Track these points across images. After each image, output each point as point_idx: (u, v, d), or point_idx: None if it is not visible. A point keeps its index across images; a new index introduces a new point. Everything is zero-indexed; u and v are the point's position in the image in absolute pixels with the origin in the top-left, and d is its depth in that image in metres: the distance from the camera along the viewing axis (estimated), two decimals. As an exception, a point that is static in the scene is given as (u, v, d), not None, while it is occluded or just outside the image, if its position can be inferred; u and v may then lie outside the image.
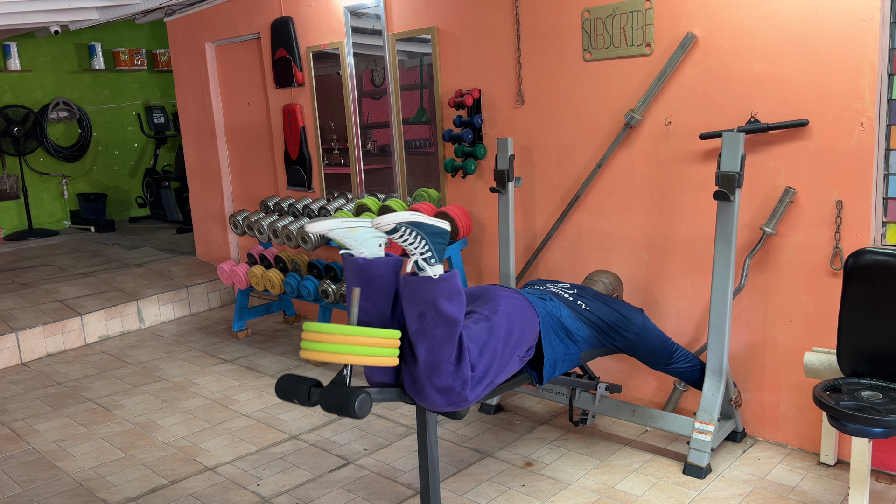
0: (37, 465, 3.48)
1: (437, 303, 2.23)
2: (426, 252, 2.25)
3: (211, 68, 6.04)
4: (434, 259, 2.26)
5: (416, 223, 2.24)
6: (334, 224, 2.29)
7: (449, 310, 2.24)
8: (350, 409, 2.16)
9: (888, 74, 2.83)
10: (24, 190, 8.05)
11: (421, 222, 2.25)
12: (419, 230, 2.24)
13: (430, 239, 2.26)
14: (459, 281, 2.30)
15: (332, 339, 2.19)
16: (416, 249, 2.25)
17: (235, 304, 5.44)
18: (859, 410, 2.37)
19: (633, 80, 3.44)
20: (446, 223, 2.31)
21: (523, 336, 2.61)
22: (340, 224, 2.30)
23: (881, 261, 2.49)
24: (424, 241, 2.25)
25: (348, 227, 2.31)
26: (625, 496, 2.92)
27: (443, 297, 2.23)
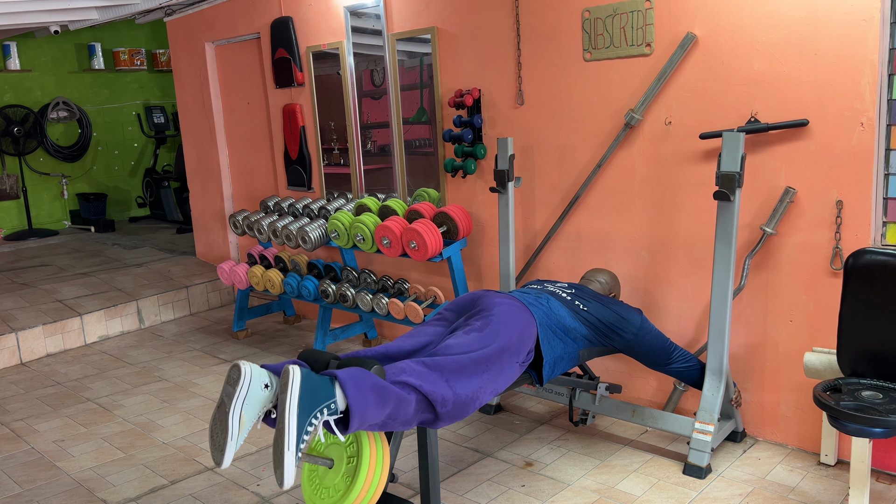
0: (37, 465, 3.48)
1: (372, 421, 2.11)
2: (325, 412, 2.03)
3: (211, 68, 6.04)
4: (333, 403, 2.04)
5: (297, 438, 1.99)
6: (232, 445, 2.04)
7: (381, 413, 2.11)
8: None
9: (888, 74, 2.83)
10: (23, 190, 8.05)
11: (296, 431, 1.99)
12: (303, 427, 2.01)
13: (310, 405, 2.02)
14: (361, 389, 2.07)
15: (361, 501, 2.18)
16: (320, 423, 2.04)
17: (235, 304, 5.44)
18: (859, 410, 2.37)
19: (633, 80, 3.44)
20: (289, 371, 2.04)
21: (521, 342, 2.60)
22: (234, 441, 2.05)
23: (881, 261, 2.49)
24: (313, 416, 2.02)
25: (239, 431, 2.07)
26: (625, 496, 2.92)
27: (370, 415, 2.08)
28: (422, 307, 4.05)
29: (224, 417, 2.07)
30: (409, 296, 4.28)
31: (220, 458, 2.06)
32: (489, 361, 2.45)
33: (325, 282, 4.52)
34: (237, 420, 2.06)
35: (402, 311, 4.12)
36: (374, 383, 2.11)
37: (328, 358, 2.25)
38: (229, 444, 2.05)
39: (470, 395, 2.36)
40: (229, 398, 2.07)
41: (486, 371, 2.43)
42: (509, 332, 2.56)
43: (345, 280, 4.53)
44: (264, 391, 2.11)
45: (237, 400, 2.07)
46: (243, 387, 2.07)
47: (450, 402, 2.29)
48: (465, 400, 2.34)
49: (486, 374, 2.43)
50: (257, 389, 2.10)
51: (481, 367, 2.42)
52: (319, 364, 2.25)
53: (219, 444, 2.07)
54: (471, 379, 2.38)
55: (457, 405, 2.32)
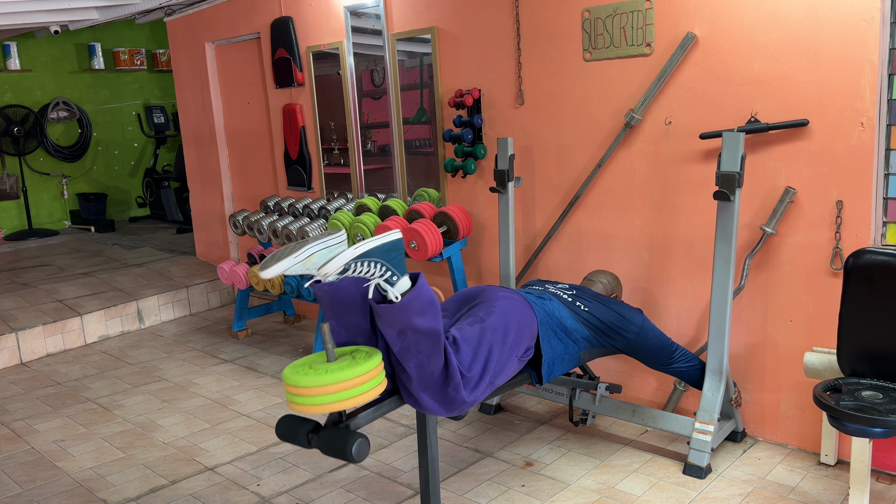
0: (37, 465, 3.48)
1: (413, 322, 2.18)
2: (385, 273, 2.19)
3: (211, 68, 6.04)
4: (396, 276, 2.20)
5: (363, 254, 2.17)
6: (287, 264, 2.19)
7: (426, 324, 2.20)
8: (348, 454, 2.17)
9: (888, 74, 2.83)
10: (24, 190, 8.05)
11: (367, 250, 2.17)
12: (368, 257, 2.18)
13: (385, 258, 2.19)
14: (427, 289, 2.24)
15: (314, 392, 2.14)
16: (374, 276, 2.19)
17: (235, 304, 5.44)
18: (859, 410, 2.37)
19: (633, 80, 3.44)
20: (395, 232, 2.25)
21: (520, 336, 2.61)
22: (293, 261, 2.20)
23: (881, 261, 2.49)
24: (380, 264, 2.18)
25: (302, 261, 2.21)
26: (625, 496, 2.92)
27: (416, 315, 2.18)
28: (422, 307, 4.05)
29: (301, 245, 2.19)
30: (409, 296, 4.28)
31: (270, 265, 2.16)
32: (492, 347, 2.47)
33: (325, 282, 4.51)
34: (309, 253, 2.19)
35: (402, 311, 4.11)
36: (433, 300, 2.24)
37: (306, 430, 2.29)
38: (289, 259, 2.15)
39: (475, 376, 2.40)
40: (315, 238, 2.22)
41: (490, 357, 2.45)
42: (510, 324, 2.56)
43: (345, 280, 4.52)
44: (338, 260, 2.19)
45: (322, 243, 2.21)
46: (333, 241, 2.22)
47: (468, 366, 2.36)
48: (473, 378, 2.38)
49: (490, 360, 2.45)
50: (338, 251, 2.22)
51: (484, 351, 2.44)
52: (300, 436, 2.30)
53: (278, 257, 2.18)
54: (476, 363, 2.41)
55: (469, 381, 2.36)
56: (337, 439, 2.21)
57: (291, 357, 4.76)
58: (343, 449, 2.18)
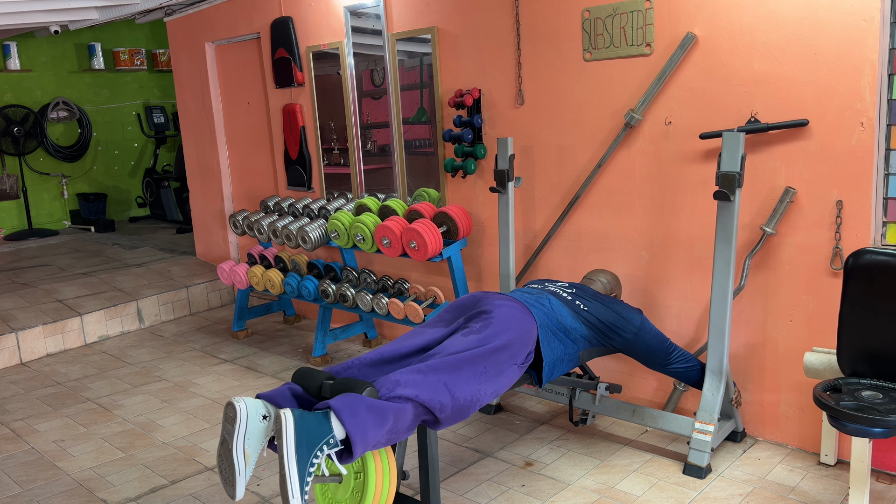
0: (37, 465, 3.48)
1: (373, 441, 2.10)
2: (325, 449, 2.04)
3: (211, 68, 6.04)
4: (332, 438, 2.05)
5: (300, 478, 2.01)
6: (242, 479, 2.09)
7: (381, 433, 2.11)
8: None
9: (888, 74, 2.83)
10: (23, 190, 8.05)
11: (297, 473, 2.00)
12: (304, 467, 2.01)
13: (309, 446, 2.02)
14: (358, 419, 2.07)
15: None
16: (322, 458, 2.05)
17: (235, 304, 5.44)
18: (859, 410, 2.37)
19: (633, 80, 3.44)
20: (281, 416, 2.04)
21: (521, 344, 2.59)
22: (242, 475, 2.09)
23: (881, 261, 2.49)
24: (314, 454, 2.03)
25: (246, 464, 2.11)
26: (625, 496, 2.92)
27: (371, 437, 2.08)
28: (422, 307, 4.05)
29: (228, 455, 2.11)
30: (409, 296, 4.29)
31: (232, 493, 2.11)
32: (487, 362, 2.43)
33: (325, 282, 4.52)
34: (241, 455, 2.10)
35: (402, 311, 4.12)
36: (368, 405, 2.12)
37: (321, 379, 2.28)
38: (238, 479, 2.10)
39: (469, 398, 2.36)
40: (230, 436, 2.11)
41: (484, 372, 2.41)
42: (509, 334, 2.55)
43: (345, 280, 4.53)
44: (262, 423, 2.14)
45: (237, 437, 2.10)
46: (241, 423, 2.11)
47: (448, 407, 2.29)
48: (463, 403, 2.34)
49: (484, 374, 2.41)
50: (255, 423, 2.13)
51: (479, 368, 2.40)
52: (313, 386, 2.27)
53: (229, 480, 2.12)
54: (469, 381, 2.36)
55: (455, 409, 2.32)
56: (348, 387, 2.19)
57: (291, 357, 4.76)
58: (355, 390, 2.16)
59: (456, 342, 2.47)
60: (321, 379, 2.27)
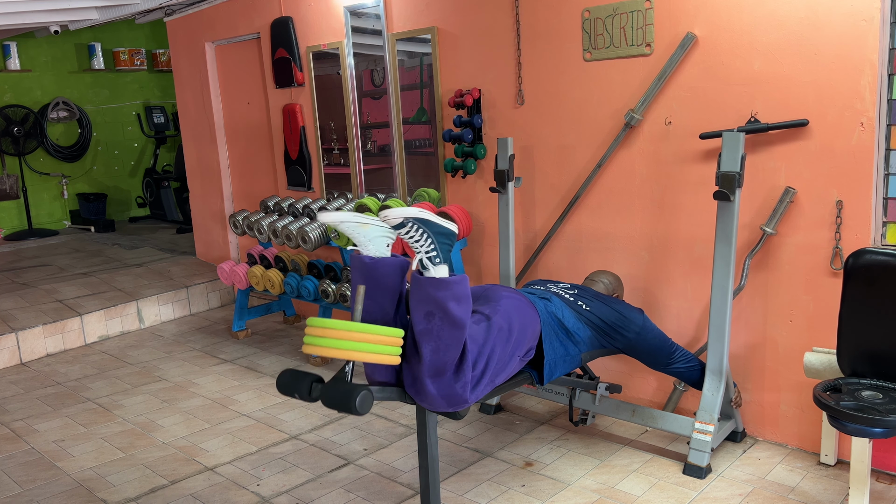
0: (37, 465, 3.48)
1: (447, 304, 2.21)
2: (431, 251, 2.23)
3: (211, 68, 6.04)
4: (439, 258, 2.25)
5: (424, 220, 2.22)
6: (346, 217, 2.27)
7: (458, 312, 2.23)
8: (351, 405, 2.14)
9: (888, 74, 2.83)
10: (24, 190, 8.05)
11: (428, 220, 2.23)
12: (426, 228, 2.22)
13: (437, 238, 2.24)
14: (468, 284, 2.28)
15: (337, 335, 2.17)
16: (421, 247, 2.23)
17: (235, 304, 5.44)
18: (859, 410, 2.37)
19: (633, 80, 3.44)
20: (454, 225, 2.29)
21: (523, 336, 2.60)
22: (352, 218, 2.28)
23: (881, 261, 2.49)
24: (430, 240, 2.23)
25: (359, 223, 2.29)
26: (625, 496, 2.92)
27: (453, 299, 2.22)
28: (422, 307, 4.05)
29: (363, 215, 2.30)
30: (409, 296, 4.29)
31: (331, 212, 2.27)
32: (495, 346, 2.47)
33: (325, 282, 4.52)
34: (367, 221, 2.31)
35: (402, 311, 4.12)
36: (469, 295, 2.27)
37: (310, 380, 2.30)
38: (349, 215, 2.27)
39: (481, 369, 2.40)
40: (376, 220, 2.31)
41: (492, 356, 2.45)
42: (514, 323, 2.56)
43: (345, 280, 4.53)
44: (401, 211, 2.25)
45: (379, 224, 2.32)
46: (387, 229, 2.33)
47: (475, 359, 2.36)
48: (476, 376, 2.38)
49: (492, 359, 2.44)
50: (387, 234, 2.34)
51: (487, 349, 2.44)
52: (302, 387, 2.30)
53: (341, 210, 2.32)
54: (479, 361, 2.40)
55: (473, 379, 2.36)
56: (341, 391, 2.19)
57: (291, 357, 4.76)
58: (347, 399, 2.15)
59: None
60: (311, 380, 2.30)
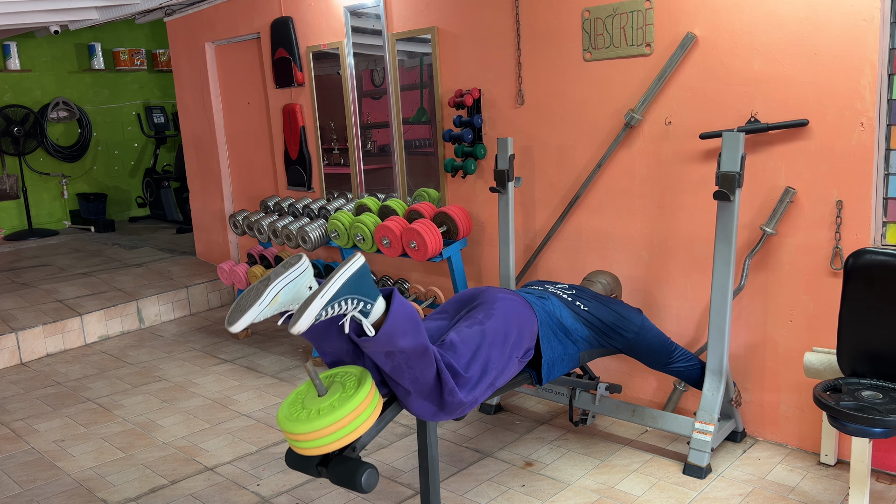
0: (37, 465, 3.48)
1: (396, 344, 2.14)
2: (358, 304, 2.10)
3: (211, 68, 6.04)
4: (369, 304, 2.12)
5: (331, 298, 2.05)
6: (254, 312, 2.11)
7: (410, 343, 2.16)
8: (357, 485, 2.21)
9: (888, 74, 2.83)
10: (23, 190, 8.05)
11: (335, 293, 2.06)
12: (338, 297, 2.06)
13: (354, 290, 2.09)
14: (404, 308, 2.16)
15: (312, 437, 2.16)
16: (348, 310, 2.10)
17: (235, 304, 5.43)
18: (859, 410, 2.37)
19: (633, 80, 3.44)
20: (358, 258, 2.15)
21: (521, 337, 2.60)
22: (259, 308, 2.11)
23: (881, 261, 2.49)
24: (350, 298, 2.09)
25: (268, 304, 2.14)
26: (625, 496, 2.93)
27: (399, 337, 2.13)
28: (422, 307, 4.05)
29: (263, 287, 2.14)
30: (410, 295, 4.29)
31: (236, 319, 2.09)
32: (491, 348, 2.46)
33: (325, 282, 4.51)
34: (273, 295, 2.13)
35: (402, 311, 4.11)
36: (413, 315, 2.18)
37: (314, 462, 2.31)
38: (254, 308, 2.09)
39: (476, 376, 2.39)
40: (276, 276, 2.16)
41: (489, 358, 2.44)
42: (510, 326, 2.56)
43: (345, 280, 4.52)
44: (307, 290, 2.18)
45: (283, 280, 2.16)
46: (295, 273, 2.17)
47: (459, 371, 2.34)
48: (468, 376, 2.37)
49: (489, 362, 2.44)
50: (303, 283, 2.18)
51: (483, 353, 2.43)
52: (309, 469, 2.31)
53: (242, 308, 2.11)
54: (473, 364, 2.40)
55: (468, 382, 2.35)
56: (345, 471, 2.25)
57: (291, 357, 4.76)
58: (352, 480, 2.22)
59: (460, 333, 2.47)
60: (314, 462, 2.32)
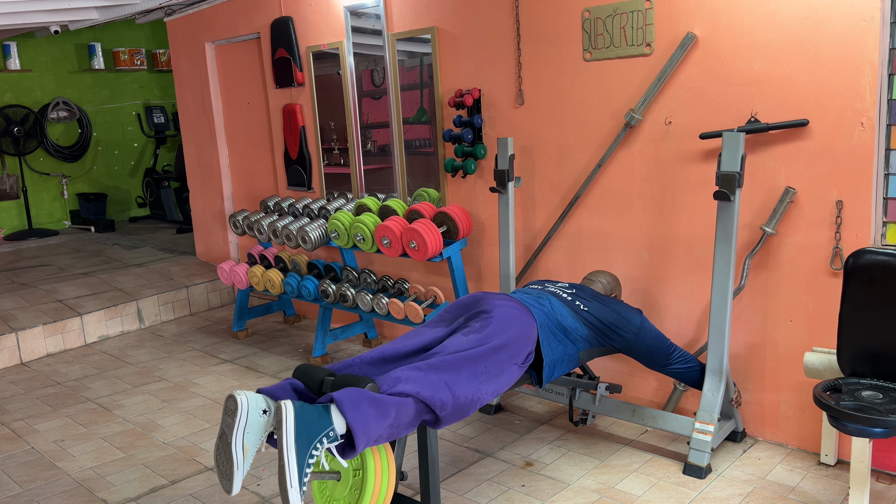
0: (37, 465, 3.48)
1: (375, 435, 2.09)
2: (325, 443, 2.04)
3: (211, 68, 6.04)
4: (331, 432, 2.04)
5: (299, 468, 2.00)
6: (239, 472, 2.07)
7: (384, 426, 2.11)
8: None
9: (888, 74, 2.83)
10: (24, 190, 8.05)
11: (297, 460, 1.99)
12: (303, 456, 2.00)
13: (308, 435, 2.02)
14: (358, 410, 2.07)
15: None
16: (322, 450, 2.04)
17: (235, 304, 5.44)
18: (859, 410, 2.37)
19: (633, 80, 3.44)
20: (282, 407, 2.04)
21: (521, 345, 2.59)
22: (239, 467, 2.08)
23: (881, 261, 2.49)
24: (315, 442, 2.03)
25: (244, 457, 2.10)
26: (625, 496, 2.93)
27: (373, 430, 2.08)
28: (422, 307, 4.05)
29: (227, 448, 2.10)
30: (409, 296, 4.29)
31: (229, 487, 2.10)
32: (487, 362, 2.44)
33: (325, 282, 4.52)
34: (240, 449, 2.10)
35: (402, 311, 4.12)
36: (370, 398, 2.12)
37: (322, 375, 2.27)
38: (236, 473, 2.09)
39: (469, 397, 2.36)
40: (229, 429, 2.11)
41: (485, 371, 2.42)
42: (509, 334, 2.55)
43: (345, 280, 4.53)
44: (262, 417, 2.13)
45: (237, 430, 2.10)
46: (241, 417, 2.10)
47: (449, 405, 2.29)
48: (464, 402, 2.34)
49: (485, 374, 2.42)
50: (255, 417, 2.12)
51: (479, 368, 2.41)
52: (314, 382, 2.27)
53: (226, 474, 2.12)
54: (469, 380, 2.37)
55: (456, 407, 2.32)
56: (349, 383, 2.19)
57: (291, 357, 4.76)
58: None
59: (456, 342, 2.47)
60: (322, 375, 2.27)
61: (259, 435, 2.13)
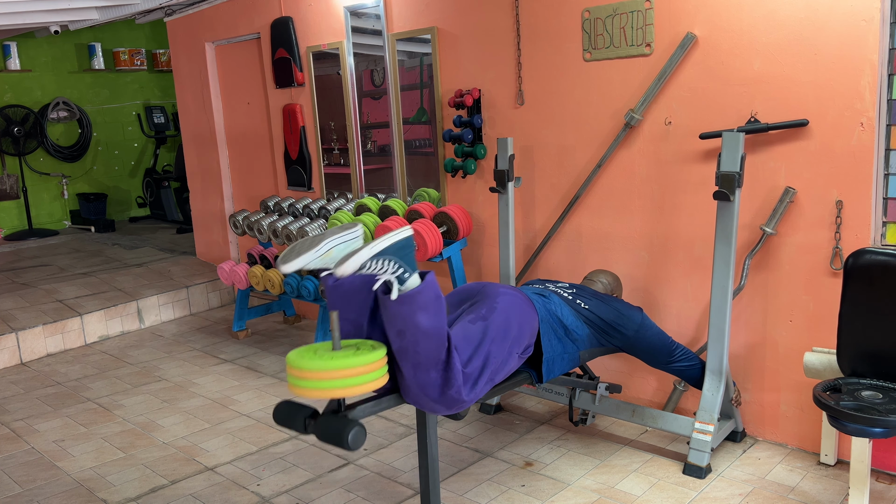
0: (37, 465, 3.48)
1: (415, 318, 2.19)
2: (397, 270, 2.22)
3: (211, 68, 6.04)
4: (407, 272, 2.22)
5: (378, 253, 2.20)
6: (308, 258, 2.26)
7: (428, 323, 2.21)
8: (343, 441, 2.18)
9: (888, 74, 2.83)
10: (24, 190, 8.05)
11: (382, 249, 2.20)
12: (383, 256, 2.20)
13: (398, 255, 2.22)
14: (434, 287, 2.24)
15: (317, 377, 2.14)
16: (386, 273, 2.22)
17: (235, 304, 5.44)
18: (859, 410, 2.37)
19: (633, 80, 3.44)
20: (406, 229, 2.27)
21: (521, 333, 2.60)
22: (313, 255, 2.27)
23: (881, 261, 2.49)
24: (393, 261, 2.21)
25: (321, 255, 2.28)
26: (625, 496, 2.93)
27: (419, 310, 2.19)
28: (422, 307, 4.05)
29: (319, 240, 2.30)
30: (409, 296, 4.28)
31: (291, 259, 2.25)
32: (493, 344, 2.46)
33: (325, 282, 4.51)
34: (328, 248, 2.29)
35: (402, 311, 4.11)
36: (441, 299, 2.27)
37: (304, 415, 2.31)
38: (309, 254, 2.26)
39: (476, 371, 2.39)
40: (332, 233, 2.32)
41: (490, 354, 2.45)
42: (512, 321, 2.56)
43: (345, 280, 4.53)
44: (355, 260, 2.23)
45: (338, 238, 2.32)
46: (349, 236, 2.34)
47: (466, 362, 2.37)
48: (468, 373, 2.37)
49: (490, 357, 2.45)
50: (353, 248, 2.29)
51: (484, 348, 2.43)
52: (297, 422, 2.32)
53: (299, 251, 2.27)
54: (476, 359, 2.40)
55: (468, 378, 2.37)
56: (334, 426, 2.21)
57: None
58: (339, 436, 2.18)
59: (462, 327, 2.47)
60: (304, 415, 2.31)
61: (343, 254, 2.27)
